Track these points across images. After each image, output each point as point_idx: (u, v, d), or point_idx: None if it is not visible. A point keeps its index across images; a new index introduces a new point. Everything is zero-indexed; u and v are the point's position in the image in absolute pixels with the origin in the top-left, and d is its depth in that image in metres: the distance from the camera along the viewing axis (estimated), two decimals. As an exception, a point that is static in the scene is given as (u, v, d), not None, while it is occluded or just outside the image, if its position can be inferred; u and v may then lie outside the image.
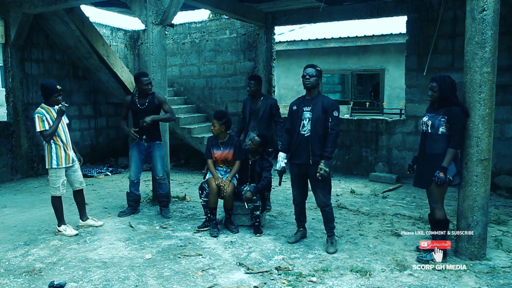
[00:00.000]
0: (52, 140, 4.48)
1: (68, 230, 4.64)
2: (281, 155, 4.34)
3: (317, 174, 3.97)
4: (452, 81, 3.80)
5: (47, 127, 4.43)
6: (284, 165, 4.33)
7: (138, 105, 5.24)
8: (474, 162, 3.77)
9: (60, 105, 4.50)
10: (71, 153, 4.65)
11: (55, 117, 4.52)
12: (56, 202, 4.62)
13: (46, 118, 4.45)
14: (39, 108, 4.52)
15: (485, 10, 3.64)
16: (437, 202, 3.89)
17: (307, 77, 4.08)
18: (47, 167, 4.56)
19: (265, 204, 4.92)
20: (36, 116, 4.44)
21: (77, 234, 4.63)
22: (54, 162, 4.51)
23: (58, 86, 4.54)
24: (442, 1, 7.01)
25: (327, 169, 3.97)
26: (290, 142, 4.24)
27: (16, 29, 7.37)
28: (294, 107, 4.23)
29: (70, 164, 4.63)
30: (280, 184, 4.60)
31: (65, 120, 4.67)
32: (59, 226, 4.65)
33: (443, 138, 3.78)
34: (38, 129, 4.43)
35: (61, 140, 4.54)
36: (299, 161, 4.16)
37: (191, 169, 8.87)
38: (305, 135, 4.08)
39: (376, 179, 7.51)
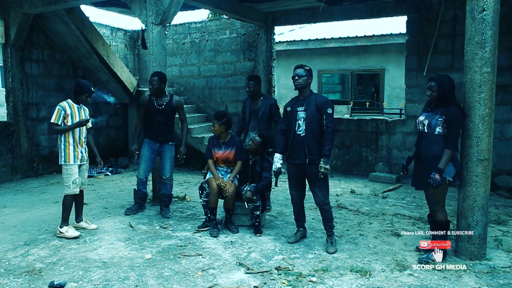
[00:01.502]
0: (63, 136, 4.51)
1: (70, 231, 4.58)
2: (277, 156, 4.36)
3: (319, 173, 4.00)
4: (451, 80, 3.78)
5: (59, 122, 4.48)
6: (280, 166, 4.36)
7: (156, 105, 5.25)
8: (474, 162, 3.77)
9: (87, 119, 4.59)
10: (81, 152, 4.62)
11: (76, 114, 4.56)
12: (68, 201, 4.60)
13: (65, 114, 4.49)
14: (63, 102, 4.58)
15: (485, 10, 3.64)
16: (438, 204, 3.87)
17: (296, 78, 4.14)
18: (59, 163, 4.61)
19: (265, 204, 4.92)
20: (56, 107, 4.51)
21: (78, 236, 4.56)
22: (62, 158, 4.54)
23: (92, 88, 4.64)
24: (442, 1, 7.01)
25: (327, 167, 4.00)
26: (285, 143, 4.27)
27: (16, 29, 7.36)
28: (289, 108, 4.26)
29: (79, 163, 4.62)
30: (276, 184, 4.62)
31: (89, 123, 4.71)
32: (61, 227, 4.58)
33: (440, 139, 3.75)
34: (52, 120, 4.49)
35: (73, 138, 4.54)
36: (296, 161, 4.18)
37: (191, 169, 8.87)
38: (301, 135, 4.10)
39: (376, 179, 7.51)
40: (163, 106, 5.24)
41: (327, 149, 4.02)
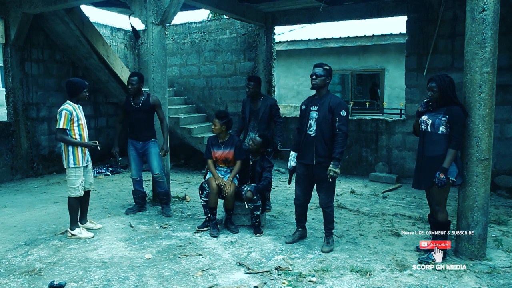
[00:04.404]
0: (70, 138, 4.41)
1: (84, 233, 4.55)
2: (292, 154, 4.36)
3: (327, 176, 3.95)
4: (451, 80, 3.77)
5: (68, 127, 4.37)
6: (294, 164, 4.33)
7: (133, 104, 5.33)
8: (474, 162, 3.77)
9: (97, 144, 4.56)
10: (87, 152, 4.60)
11: (80, 115, 4.51)
12: (74, 203, 4.52)
13: (72, 117, 4.40)
14: (67, 105, 4.42)
15: (485, 10, 3.64)
16: (440, 204, 3.87)
17: (314, 77, 4.05)
18: (65, 167, 4.49)
19: (265, 204, 4.91)
20: (63, 112, 4.34)
21: (93, 236, 4.56)
22: (71, 161, 4.44)
23: (86, 82, 4.58)
24: (442, 1, 7.01)
25: (336, 170, 3.94)
26: (298, 141, 4.24)
27: (16, 29, 7.36)
28: (303, 107, 4.22)
29: (86, 164, 4.60)
30: (289, 182, 4.56)
31: (83, 119, 4.62)
32: (72, 229, 4.54)
33: (443, 139, 3.75)
34: (60, 126, 4.32)
35: (81, 139, 4.49)
36: (304, 161, 4.16)
37: (191, 169, 8.87)
38: (311, 135, 4.07)
39: (376, 179, 7.51)
40: (140, 105, 5.30)
41: (337, 152, 3.94)
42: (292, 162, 4.34)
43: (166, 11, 5.57)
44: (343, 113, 3.97)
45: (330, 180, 3.97)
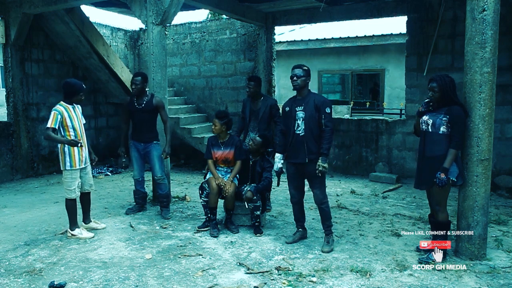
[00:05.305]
0: (66, 139, 4.39)
1: (84, 233, 4.56)
2: (278, 156, 4.38)
3: (316, 171, 4.03)
4: (452, 80, 3.78)
5: (56, 126, 4.34)
6: (281, 165, 4.38)
7: (136, 105, 5.30)
8: (474, 162, 3.77)
9: (80, 143, 4.40)
10: (85, 154, 4.60)
11: (73, 115, 4.47)
12: (71, 204, 4.53)
13: (63, 118, 4.37)
14: (58, 106, 4.43)
15: (485, 10, 3.64)
16: (440, 204, 3.87)
17: (295, 78, 4.15)
18: (61, 169, 4.48)
19: (265, 204, 4.92)
20: (52, 112, 4.35)
21: (93, 237, 4.57)
22: (68, 163, 4.43)
23: (83, 85, 4.57)
24: (442, 1, 7.01)
25: (325, 165, 4.04)
26: (285, 142, 4.29)
27: (16, 29, 7.36)
28: (287, 108, 4.29)
29: (84, 166, 4.59)
30: (278, 184, 4.65)
31: (82, 120, 4.62)
32: (72, 229, 4.54)
33: (444, 139, 3.75)
34: (48, 125, 4.32)
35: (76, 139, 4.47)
36: (295, 161, 4.20)
37: (191, 169, 8.87)
38: (300, 134, 4.12)
39: (376, 179, 7.51)
40: (142, 105, 5.27)
41: (325, 148, 4.05)
42: (279, 164, 4.37)
43: (166, 11, 5.57)
44: (328, 110, 4.09)
45: (320, 174, 4.06)
